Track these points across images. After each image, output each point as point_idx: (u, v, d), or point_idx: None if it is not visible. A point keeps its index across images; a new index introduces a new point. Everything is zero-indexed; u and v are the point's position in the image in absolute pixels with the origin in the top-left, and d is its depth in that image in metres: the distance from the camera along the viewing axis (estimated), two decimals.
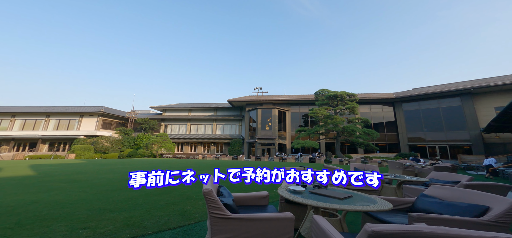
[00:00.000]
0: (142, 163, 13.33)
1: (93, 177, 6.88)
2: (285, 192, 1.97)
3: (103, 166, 11.14)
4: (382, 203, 1.74)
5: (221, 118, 34.89)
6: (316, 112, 18.06)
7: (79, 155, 24.50)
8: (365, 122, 18.17)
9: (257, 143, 27.69)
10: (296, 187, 2.08)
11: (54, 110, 29.62)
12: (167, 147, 26.05)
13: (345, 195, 1.90)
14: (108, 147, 27.15)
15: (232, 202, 1.76)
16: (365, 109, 27.94)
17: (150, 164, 12.36)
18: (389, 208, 1.62)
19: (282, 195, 1.86)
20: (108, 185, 5.45)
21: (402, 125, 25.79)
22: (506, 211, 1.49)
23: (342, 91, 17.87)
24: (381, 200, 1.84)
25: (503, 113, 9.22)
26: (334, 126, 17.60)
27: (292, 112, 30.22)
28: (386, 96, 26.99)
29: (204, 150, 33.69)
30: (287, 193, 1.96)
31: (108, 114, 30.79)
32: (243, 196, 2.27)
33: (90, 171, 8.70)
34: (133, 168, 9.19)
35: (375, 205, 1.67)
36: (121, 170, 8.73)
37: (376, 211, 1.58)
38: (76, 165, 11.75)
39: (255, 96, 32.38)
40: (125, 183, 5.73)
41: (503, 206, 1.53)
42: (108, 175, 7.45)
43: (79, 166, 10.68)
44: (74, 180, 6.29)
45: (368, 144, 17.11)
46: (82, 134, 28.31)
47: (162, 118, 36.31)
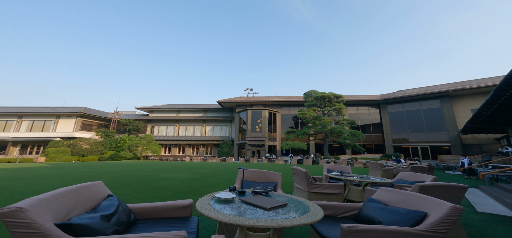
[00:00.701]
0: (114, 166, 12.42)
1: (17, 184, 5.59)
2: (203, 205, 1.50)
3: (62, 170, 10.05)
4: (314, 213, 1.45)
5: (211, 119, 34.16)
6: (305, 114, 18.07)
7: (53, 158, 22.73)
8: (351, 123, 18.45)
9: (247, 145, 27.32)
10: (225, 194, 1.73)
11: (28, 110, 27.39)
12: (152, 149, 24.90)
13: (277, 203, 1.58)
14: (88, 149, 25.50)
15: (100, 220, 1.23)
16: (352, 110, 28.54)
17: (120, 168, 11.50)
18: (317, 219, 1.31)
19: (200, 211, 1.37)
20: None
21: (387, 126, 26.56)
22: (443, 218, 1.30)
23: (329, 92, 18.03)
24: (316, 208, 1.54)
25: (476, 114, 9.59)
26: (322, 127, 17.70)
27: (282, 113, 30.22)
28: (373, 98, 27.76)
29: (193, 152, 32.72)
30: (205, 206, 1.49)
31: (88, 115, 29.00)
32: (154, 207, 1.79)
33: (32, 176, 7.35)
34: (95, 173, 8.21)
35: (302, 217, 1.35)
36: (76, 176, 7.56)
37: (298, 225, 1.25)
38: (31, 169, 10.34)
39: (245, 97, 32.06)
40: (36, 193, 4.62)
41: (440, 212, 1.34)
42: (43, 181, 6.14)
43: (32, 170, 9.33)
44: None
45: (355, 145, 17.35)
46: (59, 136, 26.35)
47: (149, 119, 34.88)
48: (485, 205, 4.35)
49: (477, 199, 4.99)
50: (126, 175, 7.75)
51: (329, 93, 17.90)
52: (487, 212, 3.79)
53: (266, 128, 27.93)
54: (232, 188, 1.95)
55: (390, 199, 1.84)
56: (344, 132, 16.71)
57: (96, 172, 9.12)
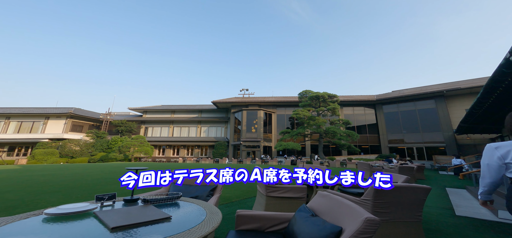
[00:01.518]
0: (85, 169, 11.82)
1: None
2: None
3: (33, 172, 9.53)
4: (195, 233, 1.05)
5: (206, 120, 33.63)
6: (299, 114, 17.76)
7: (40, 160, 21.93)
8: (346, 123, 18.20)
9: (242, 146, 26.88)
10: (76, 206, 1.28)
11: (15, 111, 26.49)
12: (143, 150, 24.27)
13: (144, 218, 1.15)
14: (77, 151, 24.73)
15: None
16: (348, 111, 28.37)
17: (91, 171, 10.85)
18: None
19: None
20: None
21: (383, 127, 26.43)
22: (355, 234, 1.02)
23: (324, 92, 17.80)
24: (211, 223, 1.17)
25: (469, 114, 9.41)
26: (317, 127, 17.40)
27: (278, 114, 29.89)
28: (368, 98, 27.65)
29: (188, 153, 32.11)
30: None
31: (79, 116, 28.20)
32: None
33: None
34: (53, 177, 7.61)
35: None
36: (27, 179, 7.06)
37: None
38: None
39: (240, 97, 31.67)
40: None
41: (354, 226, 1.07)
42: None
43: None
44: None
45: (350, 145, 17.10)
46: (47, 137, 25.50)
47: (143, 120, 34.17)
48: (466, 208, 4.07)
49: (461, 200, 4.72)
50: (79, 179, 7.17)
51: (323, 93, 17.64)
52: (466, 216, 3.49)
53: (261, 129, 27.56)
54: (108, 196, 1.47)
55: (320, 207, 1.51)
56: (339, 132, 16.43)
57: (55, 175, 8.49)
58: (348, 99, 27.81)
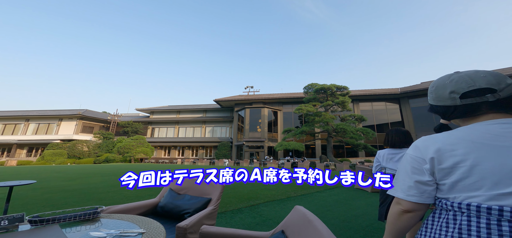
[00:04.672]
0: (89, 171, 10.95)
1: None
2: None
3: (17, 174, 8.94)
4: None
5: (210, 120, 32.52)
6: (302, 109, 15.21)
7: (49, 161, 22.70)
8: (359, 118, 15.07)
9: (245, 146, 24.99)
10: None
11: (34, 114, 28.30)
12: (143, 151, 23.81)
13: None
14: (85, 152, 25.31)
15: None
16: (366, 107, 24.68)
17: (80, 171, 9.99)
18: None
19: None
20: None
21: (410, 124, 22.32)
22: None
23: (331, 84, 14.99)
24: None
25: None
26: (325, 124, 14.67)
27: (285, 112, 27.37)
28: (390, 91, 23.67)
29: (193, 154, 31.32)
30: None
31: (89, 118, 29.13)
32: None
33: None
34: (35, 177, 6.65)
35: None
36: None
37: None
38: None
39: (245, 95, 29.84)
40: None
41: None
42: None
43: None
44: None
45: (365, 145, 14.05)
46: (59, 138, 26.67)
47: (149, 121, 34.36)
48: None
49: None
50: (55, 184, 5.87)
51: (330, 85, 14.84)
52: None
53: (265, 128, 25.38)
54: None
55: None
56: (350, 130, 13.48)
57: (39, 178, 7.49)
58: (365, 93, 24.15)
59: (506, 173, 0.48)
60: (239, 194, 4.75)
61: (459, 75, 0.64)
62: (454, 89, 0.62)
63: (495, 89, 0.58)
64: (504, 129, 0.54)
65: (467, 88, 0.60)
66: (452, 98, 0.63)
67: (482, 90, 0.59)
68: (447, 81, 0.65)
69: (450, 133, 0.59)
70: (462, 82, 0.62)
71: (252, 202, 3.99)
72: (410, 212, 0.61)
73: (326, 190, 5.47)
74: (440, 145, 0.58)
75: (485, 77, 0.59)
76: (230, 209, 3.50)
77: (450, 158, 0.55)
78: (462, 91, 0.61)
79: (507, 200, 0.47)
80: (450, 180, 0.55)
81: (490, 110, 0.59)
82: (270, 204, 3.91)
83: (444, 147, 0.57)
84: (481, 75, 0.60)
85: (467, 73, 0.63)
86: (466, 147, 0.54)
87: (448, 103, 0.64)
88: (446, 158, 0.55)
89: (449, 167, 0.55)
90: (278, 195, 4.62)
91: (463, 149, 0.54)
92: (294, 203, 3.97)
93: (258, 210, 3.49)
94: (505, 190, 0.48)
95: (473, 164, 0.52)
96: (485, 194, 0.50)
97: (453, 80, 0.64)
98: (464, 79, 0.62)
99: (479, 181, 0.51)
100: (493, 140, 0.53)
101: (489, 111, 0.59)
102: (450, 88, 0.63)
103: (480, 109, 0.60)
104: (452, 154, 0.55)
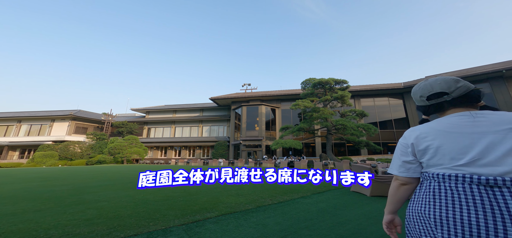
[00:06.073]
0: (46, 173, 10.07)
1: None
2: None
3: None
4: None
5: (207, 119, 31.66)
6: (299, 105, 14.22)
7: (39, 163, 21.97)
8: (360, 114, 14.01)
9: (242, 145, 24.06)
10: None
11: (26, 115, 27.62)
12: (136, 152, 22.97)
13: None
14: (78, 153, 24.56)
15: None
16: (368, 102, 23.61)
17: (46, 174, 9.11)
18: None
19: None
20: None
21: (415, 120, 21.23)
22: None
23: (329, 77, 13.93)
24: None
25: None
26: (323, 120, 13.65)
27: (283, 109, 26.38)
28: (393, 86, 22.57)
29: (190, 154, 30.51)
30: None
31: (82, 118, 28.38)
32: None
33: None
34: None
35: None
36: None
37: None
38: None
39: (242, 93, 28.93)
40: None
41: None
42: None
43: None
44: None
45: (367, 142, 13.01)
46: (51, 140, 25.95)
47: (145, 121, 33.58)
48: None
49: None
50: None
51: (329, 78, 13.80)
52: None
53: (263, 126, 24.42)
54: None
55: None
56: (350, 126, 12.44)
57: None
58: (366, 88, 23.09)
59: (458, 150, 0.70)
60: (193, 201, 3.73)
61: (424, 83, 0.85)
62: (422, 94, 0.85)
63: (447, 93, 0.78)
64: (460, 120, 0.74)
65: (428, 93, 0.83)
66: (422, 100, 0.86)
67: (439, 94, 0.80)
68: (417, 88, 0.87)
69: (427, 124, 0.80)
70: (424, 89, 0.84)
71: (198, 215, 2.94)
72: (405, 185, 0.83)
73: (313, 195, 4.42)
74: (418, 133, 0.78)
75: (440, 84, 0.80)
76: (152, 229, 2.43)
77: (424, 142, 0.76)
78: (426, 95, 0.83)
79: (461, 169, 0.68)
80: (425, 158, 0.76)
81: (452, 106, 0.79)
82: (226, 218, 2.88)
83: (420, 134, 0.78)
84: (438, 82, 0.80)
85: (429, 82, 0.83)
86: (434, 134, 0.75)
87: (422, 104, 0.87)
88: (421, 142, 0.77)
89: (423, 149, 0.76)
90: (247, 203, 3.61)
91: (432, 135, 0.75)
92: (263, 215, 2.99)
93: (197, 231, 2.42)
94: (458, 163, 0.69)
95: (437, 146, 0.73)
96: (447, 166, 0.71)
97: (420, 87, 0.86)
98: (426, 86, 0.84)
99: (442, 157, 0.72)
100: (452, 128, 0.73)
101: (451, 107, 0.80)
102: (420, 93, 0.86)
103: (444, 107, 0.81)
104: (425, 139, 0.76)
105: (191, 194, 4.43)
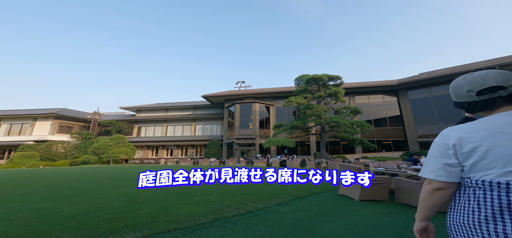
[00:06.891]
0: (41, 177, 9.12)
1: None
2: None
3: None
4: None
5: (200, 117, 30.78)
6: (291, 102, 13.70)
7: (18, 164, 20.63)
8: (354, 111, 13.59)
9: (235, 144, 23.40)
10: None
11: (5, 114, 26.00)
12: (123, 151, 21.92)
13: None
14: (61, 154, 23.26)
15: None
16: (362, 100, 23.36)
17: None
18: None
19: None
20: None
21: (409, 117, 21.10)
22: None
23: (323, 73, 13.44)
24: None
25: None
26: (317, 117, 13.18)
27: (277, 107, 25.85)
28: (387, 83, 22.39)
29: (182, 154, 29.59)
30: None
31: (66, 117, 26.97)
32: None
33: None
34: None
35: None
36: None
37: None
38: None
39: (235, 90, 28.19)
40: None
41: None
42: None
43: None
44: None
45: (362, 140, 12.62)
46: (33, 139, 24.51)
47: (136, 120, 32.37)
48: None
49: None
50: None
51: (322, 74, 13.29)
52: None
53: (257, 124, 23.81)
54: None
55: None
56: (344, 123, 11.98)
57: None
58: (361, 85, 22.83)
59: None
60: (126, 214, 2.93)
61: (472, 76, 0.76)
62: (470, 89, 0.75)
63: (504, 87, 0.69)
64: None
65: (479, 87, 0.73)
66: (470, 96, 0.76)
67: (494, 88, 0.70)
68: (462, 82, 0.78)
69: (471, 123, 0.70)
70: (474, 83, 0.74)
71: (116, 236, 2.23)
72: (441, 190, 0.73)
73: (294, 201, 3.78)
74: (461, 134, 0.69)
75: (495, 77, 0.71)
76: None
77: (469, 144, 0.67)
78: (477, 90, 0.73)
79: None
80: (469, 162, 0.67)
81: (505, 103, 0.70)
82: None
83: (464, 135, 0.69)
84: (491, 75, 0.72)
85: (479, 74, 0.75)
86: (482, 134, 0.65)
87: (468, 100, 0.77)
88: (466, 144, 0.67)
89: (468, 151, 0.67)
90: (202, 215, 2.91)
91: (479, 136, 0.66)
92: (216, 233, 2.31)
93: None
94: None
95: (487, 148, 0.63)
96: (497, 172, 0.61)
97: (468, 81, 0.76)
98: (476, 79, 0.74)
99: (492, 162, 0.62)
100: (505, 128, 0.64)
101: (504, 104, 0.70)
102: (466, 87, 0.76)
103: (496, 103, 0.71)
104: (471, 140, 0.67)
105: (135, 202, 3.62)
